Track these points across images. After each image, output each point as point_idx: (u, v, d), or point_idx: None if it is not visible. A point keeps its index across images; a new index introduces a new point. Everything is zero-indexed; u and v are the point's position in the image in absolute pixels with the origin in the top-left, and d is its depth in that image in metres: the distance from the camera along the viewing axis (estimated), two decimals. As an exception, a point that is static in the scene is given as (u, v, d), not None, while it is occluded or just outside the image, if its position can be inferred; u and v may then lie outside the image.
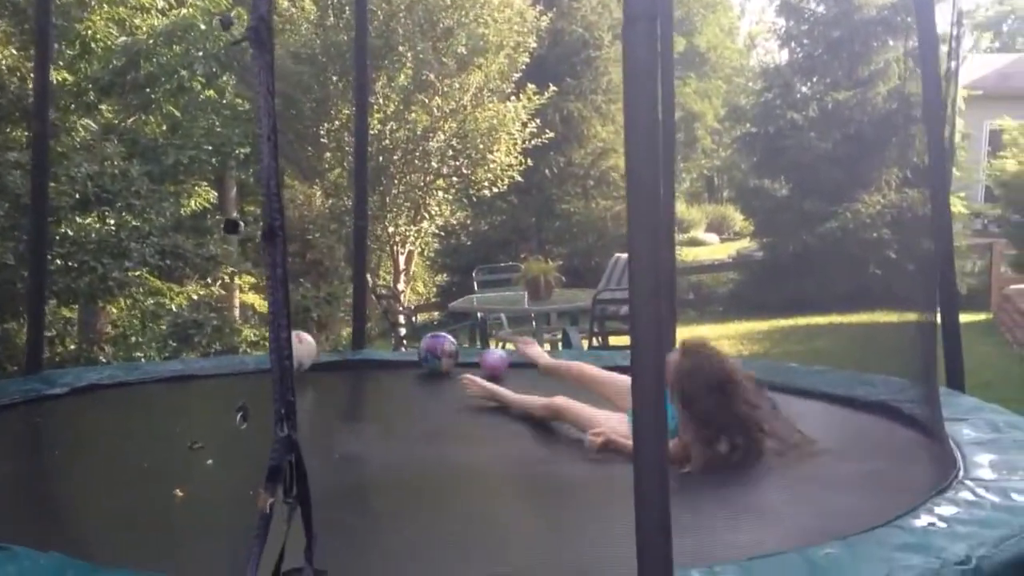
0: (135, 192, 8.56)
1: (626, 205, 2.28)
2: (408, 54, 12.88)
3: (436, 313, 17.30)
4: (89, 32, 9.80)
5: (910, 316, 4.23)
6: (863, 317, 14.14)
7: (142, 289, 9.15)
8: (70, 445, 4.28)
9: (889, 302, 14.30)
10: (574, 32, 18.79)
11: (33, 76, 8.37)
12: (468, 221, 17.91)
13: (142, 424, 4.59)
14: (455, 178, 13.69)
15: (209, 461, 3.76)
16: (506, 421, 4.46)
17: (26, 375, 5.30)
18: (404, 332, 11.75)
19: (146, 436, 4.30)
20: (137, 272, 8.78)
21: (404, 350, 10.56)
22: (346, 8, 13.17)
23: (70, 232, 8.62)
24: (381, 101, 12.95)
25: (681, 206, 30.76)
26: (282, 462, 2.48)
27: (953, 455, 3.52)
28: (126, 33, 10.49)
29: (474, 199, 14.58)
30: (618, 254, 11.82)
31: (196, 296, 10.75)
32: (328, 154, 13.43)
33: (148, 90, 10.41)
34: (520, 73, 14.00)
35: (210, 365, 5.93)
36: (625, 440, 3.54)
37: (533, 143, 14.02)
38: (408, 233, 13.87)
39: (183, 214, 10.67)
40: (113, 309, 10.06)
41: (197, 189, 11.41)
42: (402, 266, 14.24)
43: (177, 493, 3.33)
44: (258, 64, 2.54)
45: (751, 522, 3.12)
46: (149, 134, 11.06)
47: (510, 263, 12.93)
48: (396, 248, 13.96)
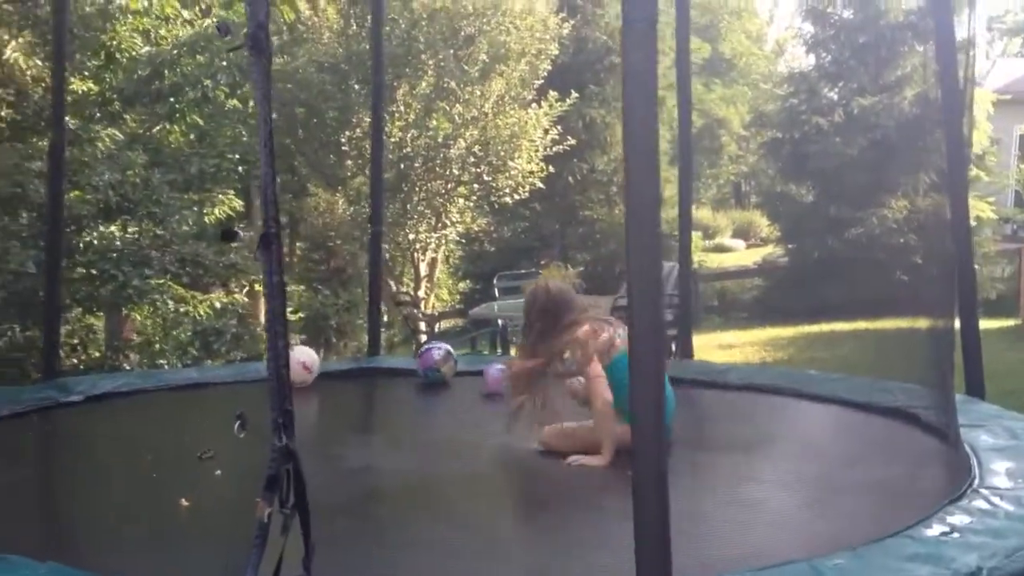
0: (156, 200, 8.60)
1: (624, 209, 2.26)
2: (430, 62, 12.88)
3: (460, 320, 17.29)
4: (114, 43, 9.86)
5: (927, 322, 4.18)
6: (889, 323, 14.00)
7: (164, 297, 9.19)
8: (79, 453, 4.29)
9: (914, 308, 14.21)
10: (598, 39, 18.75)
11: (50, 85, 8.48)
12: (491, 228, 17.89)
13: (154, 432, 4.59)
14: (476, 185, 13.66)
15: (218, 472, 3.74)
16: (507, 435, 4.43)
17: (42, 382, 5.32)
18: (425, 339, 11.73)
19: (157, 445, 4.29)
20: (160, 280, 8.82)
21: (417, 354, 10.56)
22: (368, 17, 13.18)
23: (93, 240, 8.68)
24: (402, 109, 12.96)
25: (707, 212, 30.63)
26: (280, 471, 2.46)
27: (969, 463, 3.46)
28: (150, 43, 10.55)
29: (496, 206, 14.54)
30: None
31: (219, 304, 10.80)
32: (350, 162, 13.44)
33: (172, 100, 10.47)
34: (542, 80, 13.97)
35: (226, 373, 5.94)
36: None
37: (555, 150, 13.98)
38: (429, 240, 13.86)
39: (207, 222, 10.74)
40: (137, 317, 10.12)
41: (222, 198, 11.47)
42: (423, 273, 14.23)
43: (183, 503, 3.32)
44: (256, 70, 2.53)
45: (759, 528, 3.07)
46: (173, 143, 11.14)
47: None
48: (417, 255, 13.96)
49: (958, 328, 4.30)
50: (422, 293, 14.17)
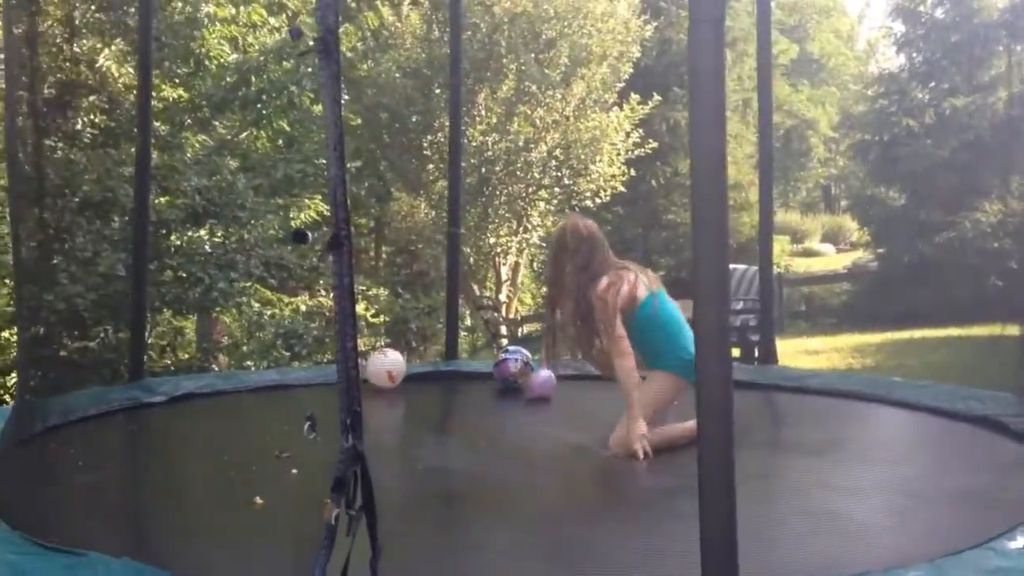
0: (240, 205, 8.76)
1: (690, 210, 2.24)
2: (511, 66, 12.92)
3: (543, 324, 17.23)
4: (202, 50, 10.08)
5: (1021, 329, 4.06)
6: (982, 330, 13.61)
7: (249, 300, 9.37)
8: (160, 453, 4.38)
9: (1009, 315, 13.79)
10: (682, 41, 18.60)
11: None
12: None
13: (233, 432, 4.66)
14: (557, 189, 13.66)
15: (294, 471, 3.78)
16: (581, 431, 4.43)
17: (129, 383, 5.45)
18: (505, 342, 11.75)
19: (235, 444, 4.36)
20: (246, 283, 8.99)
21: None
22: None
23: (182, 244, 8.88)
24: (484, 112, 13.02)
25: (796, 216, 30.18)
26: (347, 473, 2.47)
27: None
28: (238, 51, 10.76)
29: (576, 209, 14.51)
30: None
31: (304, 307, 10.98)
32: (431, 166, 13.55)
33: (259, 106, 10.67)
34: (623, 83, 13.91)
35: (306, 375, 6.00)
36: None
37: (638, 153, 13.90)
38: (510, 244, 13.89)
39: (293, 226, 10.91)
40: (226, 319, 10.34)
41: (308, 202, 11.66)
42: (505, 277, 14.26)
43: (256, 501, 3.36)
44: (324, 74, 2.55)
45: (833, 536, 2.99)
46: (260, 149, 11.35)
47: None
48: (498, 259, 14.00)
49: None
50: (503, 297, 14.20)
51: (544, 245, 16.17)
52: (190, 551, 2.95)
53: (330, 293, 11.55)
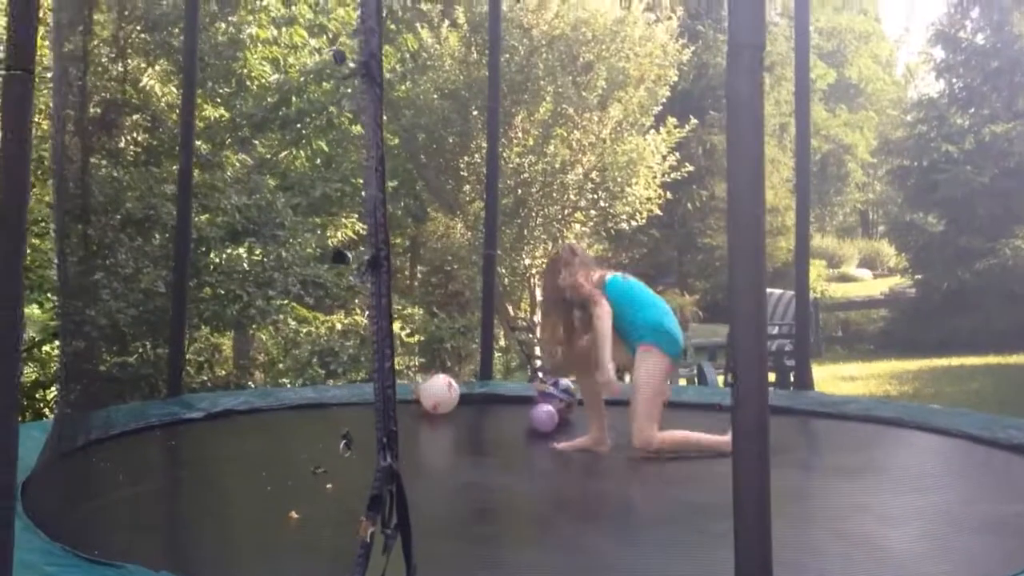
0: (280, 223, 8.84)
1: (727, 235, 2.24)
2: (548, 88, 12.97)
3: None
4: (244, 70, 10.21)
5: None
6: (1022, 358, 13.46)
7: (286, 317, 9.43)
8: (198, 468, 4.43)
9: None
10: (719, 64, 18.60)
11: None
12: (608, 254, 17.89)
13: (269, 449, 4.70)
14: (593, 211, 13.66)
15: (329, 486, 3.81)
16: (611, 452, 4.42)
17: (167, 399, 5.52)
18: (540, 364, 11.74)
19: (272, 461, 4.40)
20: (283, 301, 9.05)
21: (539, 383, 10.56)
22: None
23: (220, 261, 8.97)
24: (520, 135, 13.07)
25: (832, 241, 29.97)
26: (383, 491, 2.49)
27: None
28: (279, 71, 10.88)
29: (613, 232, 14.49)
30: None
31: (340, 325, 11.04)
32: (468, 187, 13.61)
33: (299, 126, 10.78)
34: (660, 106, 13.92)
35: (342, 393, 6.05)
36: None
37: (674, 176, 13.89)
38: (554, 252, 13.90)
39: (330, 245, 11.00)
40: (263, 337, 10.41)
41: (345, 221, 11.76)
42: (539, 298, 14.26)
43: (292, 516, 3.39)
44: (368, 97, 2.59)
45: (870, 562, 2.97)
46: (299, 168, 11.46)
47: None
48: (533, 280, 14.01)
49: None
50: (538, 319, 14.20)
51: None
52: (226, 565, 2.99)
53: (365, 312, 11.67)
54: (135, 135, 9.32)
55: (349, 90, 11.07)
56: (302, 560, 3.02)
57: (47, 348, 8.77)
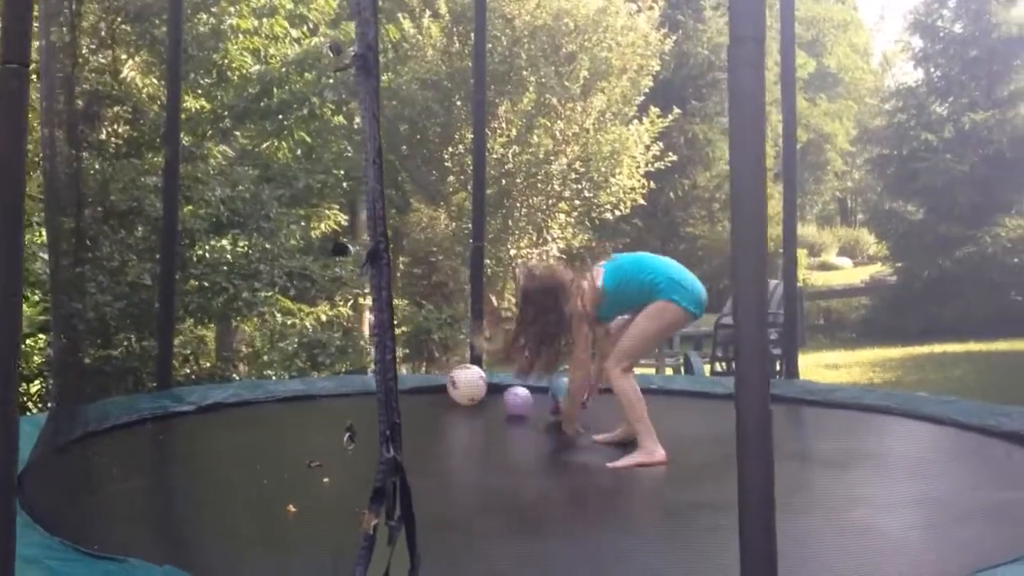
0: (265, 215, 8.81)
1: (731, 226, 2.24)
2: (531, 79, 12.96)
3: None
4: (225, 61, 10.14)
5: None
6: (1004, 345, 13.57)
7: (272, 310, 9.39)
8: (192, 461, 4.42)
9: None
10: (700, 54, 18.64)
11: (164, 105, 8.76)
12: (592, 244, 17.91)
13: (263, 441, 4.69)
14: (577, 201, 13.68)
15: (326, 479, 3.81)
16: (598, 447, 4.45)
17: (156, 392, 5.49)
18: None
19: (266, 453, 4.39)
20: (268, 293, 9.02)
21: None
22: (471, 35, 13.34)
23: (205, 254, 8.92)
24: (504, 125, 13.07)
25: (812, 230, 30.11)
26: (387, 483, 2.48)
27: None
28: (260, 62, 10.81)
29: (597, 222, 14.53)
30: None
31: (325, 316, 11.01)
32: (452, 177, 13.60)
33: (281, 117, 10.71)
34: (643, 96, 13.94)
35: (332, 385, 6.04)
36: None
37: (657, 166, 13.92)
38: (531, 256, 13.93)
39: (313, 237, 10.97)
40: (247, 328, 10.36)
41: (328, 212, 11.71)
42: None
43: (290, 509, 3.39)
44: (364, 90, 2.58)
45: (868, 552, 2.99)
46: (281, 159, 11.40)
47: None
48: (518, 270, 14.02)
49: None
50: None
51: (564, 257, 16.21)
52: (229, 559, 2.98)
53: (347, 303, 11.64)
54: (115, 127, 9.25)
55: (331, 80, 11.02)
56: (304, 553, 3.01)
57: (30, 342, 8.72)
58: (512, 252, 13.53)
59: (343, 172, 11.56)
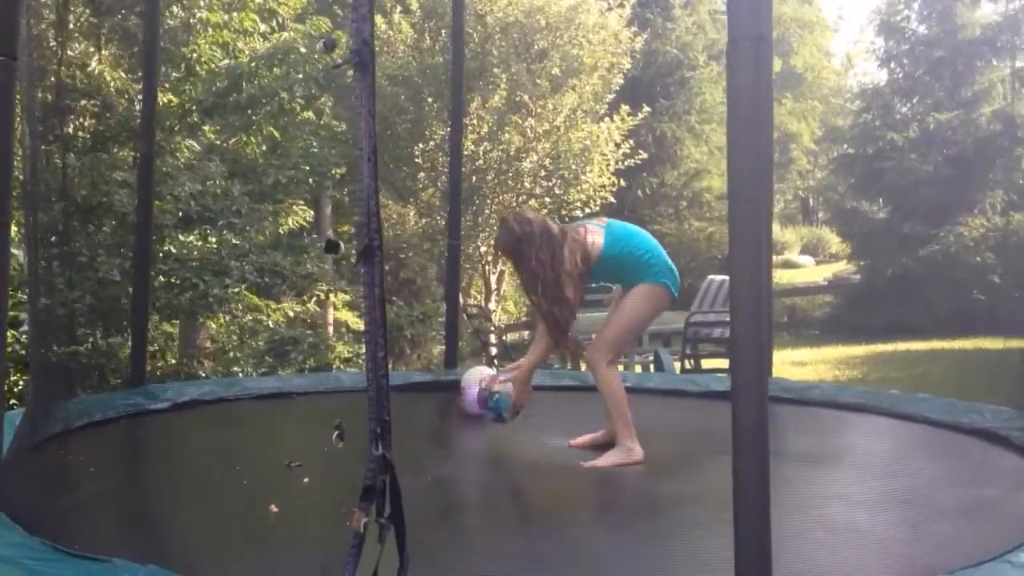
0: (236, 211, 8.74)
1: (729, 227, 2.25)
2: (503, 76, 12.95)
3: (527, 332, 17.27)
4: (194, 55, 10.04)
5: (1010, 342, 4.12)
6: (966, 343, 13.76)
7: (240, 306, 9.33)
8: (170, 459, 4.37)
9: (995, 328, 13.98)
10: (668, 53, 18.71)
11: (141, 98, 8.67)
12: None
13: (241, 440, 4.65)
14: (548, 198, 13.68)
15: (306, 480, 3.78)
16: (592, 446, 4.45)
17: (130, 389, 5.43)
18: (495, 352, 11.77)
19: (245, 451, 4.36)
20: (237, 289, 8.94)
21: (495, 369, 10.57)
22: (442, 31, 13.32)
23: (172, 249, 8.83)
24: (475, 122, 13.04)
25: (775, 228, 30.35)
26: (376, 481, 2.47)
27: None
28: (229, 56, 10.71)
29: (567, 219, 14.53)
30: (711, 276, 11.68)
31: (292, 313, 10.94)
32: (422, 174, 13.56)
33: (249, 111, 10.62)
34: (614, 94, 13.97)
35: (307, 382, 6.00)
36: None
37: (626, 164, 13.96)
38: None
39: (281, 233, 10.89)
40: (213, 325, 10.27)
41: (295, 208, 11.63)
42: (494, 286, 14.28)
43: (272, 509, 3.36)
44: (360, 86, 2.56)
45: (851, 548, 3.02)
46: (249, 155, 11.30)
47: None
48: (488, 268, 14.01)
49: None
50: (492, 306, 14.21)
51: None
52: (211, 559, 2.95)
53: (311, 299, 11.57)
54: (82, 121, 9.13)
55: (300, 76, 10.95)
56: (290, 552, 2.99)
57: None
58: (483, 249, 13.51)
59: (309, 168, 11.50)
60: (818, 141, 28.86)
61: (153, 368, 8.92)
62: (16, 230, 5.14)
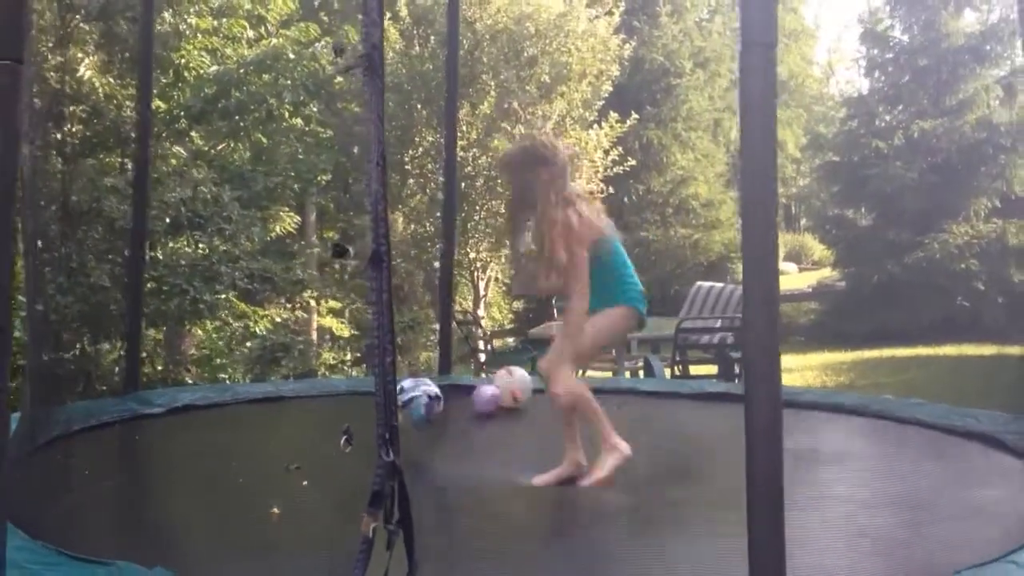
0: (226, 217, 8.73)
1: (741, 230, 2.27)
2: (492, 82, 12.97)
3: (510, 339, 17.30)
4: (183, 61, 10.03)
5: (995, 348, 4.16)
6: (951, 349, 13.84)
7: (228, 313, 9.30)
8: (168, 463, 4.36)
9: (980, 334, 14.08)
10: (655, 60, 18.78)
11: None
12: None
13: (238, 444, 4.65)
14: (536, 205, 13.68)
15: (305, 482, 3.79)
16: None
17: (123, 395, 5.41)
18: (484, 358, 11.77)
19: (242, 455, 4.35)
20: (224, 296, 8.93)
21: (484, 375, 10.57)
22: (431, 38, 13.34)
23: (160, 256, 8.81)
24: (464, 128, 13.05)
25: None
26: (385, 487, 2.47)
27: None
28: (218, 62, 10.71)
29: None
30: (699, 283, 11.72)
31: (279, 319, 10.93)
32: (412, 180, 13.57)
33: (237, 118, 10.61)
34: (603, 101, 14.01)
35: (301, 387, 6.01)
36: None
37: (616, 171, 14.01)
38: (489, 259, 13.92)
39: (269, 239, 10.88)
40: (199, 331, 10.24)
41: (282, 214, 11.63)
42: (482, 292, 14.29)
43: (274, 512, 3.36)
44: (370, 91, 2.57)
45: (855, 550, 3.04)
46: (236, 161, 11.30)
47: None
48: (477, 274, 14.02)
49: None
50: (480, 312, 14.22)
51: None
52: (215, 563, 2.95)
53: (296, 306, 11.58)
54: (71, 127, 9.10)
55: (288, 82, 10.95)
56: (295, 556, 2.99)
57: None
58: (472, 255, 13.52)
59: (293, 174, 11.52)
60: (802, 149, 28.96)
61: (139, 374, 8.88)
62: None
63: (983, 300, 15.38)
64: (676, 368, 10.15)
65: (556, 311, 11.21)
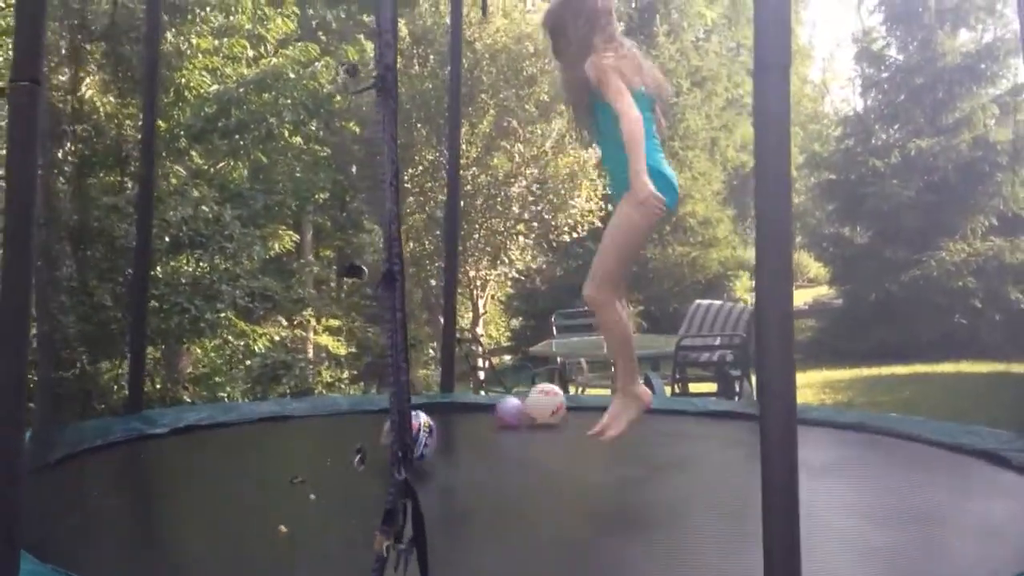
0: (228, 236, 8.74)
1: (755, 252, 2.30)
2: (491, 101, 13.02)
3: (508, 357, 17.31)
4: (183, 80, 10.06)
5: (993, 366, 4.18)
6: (949, 367, 13.86)
7: (223, 332, 9.30)
8: (173, 483, 4.36)
9: (977, 352, 14.12)
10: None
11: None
12: (544, 266, 17.98)
13: (245, 463, 4.65)
14: (535, 223, 13.73)
15: (312, 496, 3.79)
16: (597, 464, 4.49)
17: (126, 415, 5.41)
18: (483, 376, 11.78)
19: (247, 474, 4.35)
20: (224, 314, 8.93)
21: (483, 393, 10.57)
22: (431, 57, 13.39)
23: (161, 274, 8.81)
24: (464, 147, 13.09)
25: (752, 253, 30.50)
26: (397, 505, 2.48)
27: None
28: (218, 82, 10.74)
29: (554, 244, 14.59)
30: (698, 301, 11.76)
31: (278, 337, 10.93)
32: (411, 199, 13.59)
33: (237, 136, 10.64)
34: (601, 119, 14.05)
35: (305, 406, 6.00)
36: None
37: (614, 189, 14.04)
38: (488, 277, 13.94)
39: (268, 257, 10.89)
40: (198, 350, 10.23)
41: (281, 232, 11.66)
42: (482, 310, 14.31)
43: (281, 529, 3.36)
44: (383, 112, 2.60)
45: (869, 565, 3.04)
46: (236, 179, 11.32)
47: (584, 308, 12.90)
48: (476, 292, 14.04)
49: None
50: (479, 330, 14.24)
51: (521, 278, 16.15)
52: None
53: (293, 325, 11.58)
54: (72, 146, 9.12)
55: (288, 101, 11.00)
56: (303, 574, 2.99)
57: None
58: (471, 274, 13.54)
59: (292, 192, 11.56)
60: (798, 167, 29.04)
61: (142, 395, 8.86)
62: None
63: (981, 318, 15.41)
64: (676, 386, 10.16)
65: (555, 329, 11.22)
